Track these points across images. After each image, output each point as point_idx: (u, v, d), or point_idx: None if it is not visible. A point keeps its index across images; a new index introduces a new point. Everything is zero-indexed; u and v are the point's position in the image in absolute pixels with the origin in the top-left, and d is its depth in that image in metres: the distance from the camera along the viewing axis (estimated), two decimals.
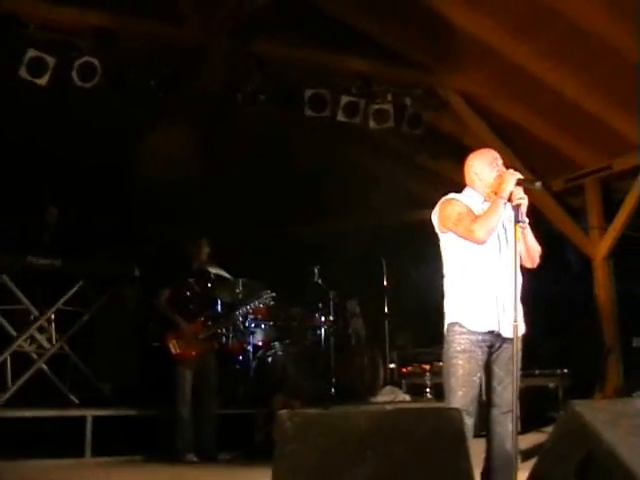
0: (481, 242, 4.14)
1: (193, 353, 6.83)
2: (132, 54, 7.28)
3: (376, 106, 8.00)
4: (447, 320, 4.27)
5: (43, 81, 6.79)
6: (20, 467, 6.31)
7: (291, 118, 8.14)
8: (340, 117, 7.86)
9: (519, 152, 8.30)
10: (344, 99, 7.82)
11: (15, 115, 7.83)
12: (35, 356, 7.46)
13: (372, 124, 8.03)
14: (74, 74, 6.87)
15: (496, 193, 4.13)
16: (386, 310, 9.10)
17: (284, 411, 2.89)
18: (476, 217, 4.19)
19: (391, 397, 8.37)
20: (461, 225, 4.18)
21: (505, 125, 8.38)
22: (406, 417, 3.08)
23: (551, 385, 8.20)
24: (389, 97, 8.11)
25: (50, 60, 6.78)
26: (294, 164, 9.17)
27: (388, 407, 7.59)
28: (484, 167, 4.31)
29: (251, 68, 7.48)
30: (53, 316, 7.62)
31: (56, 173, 8.78)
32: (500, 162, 4.33)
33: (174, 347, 6.86)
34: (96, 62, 6.92)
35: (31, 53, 6.69)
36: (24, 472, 6.15)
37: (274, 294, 7.51)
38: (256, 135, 8.77)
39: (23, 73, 6.72)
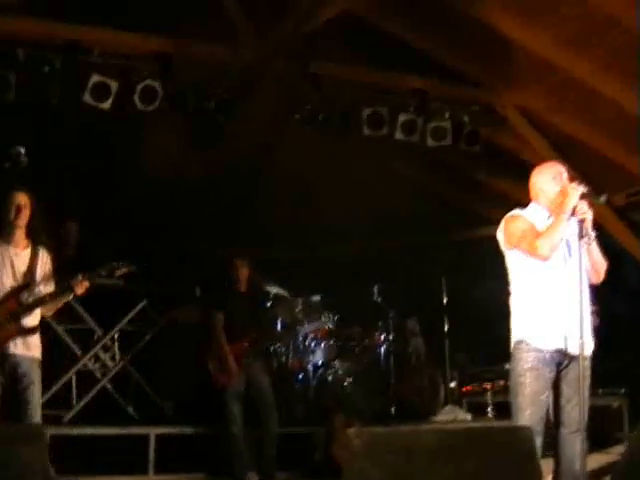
0: (545, 259, 4.10)
1: (233, 375, 6.86)
2: (191, 77, 7.41)
3: (434, 123, 7.99)
4: (514, 337, 4.22)
5: (106, 105, 6.93)
6: None
7: (347, 137, 8.18)
8: (398, 135, 7.85)
9: (579, 167, 8.13)
10: (402, 117, 7.82)
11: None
12: (99, 375, 7.58)
13: (430, 142, 8.02)
14: (136, 98, 7.00)
15: (559, 208, 4.09)
16: (446, 328, 9.03)
17: (352, 429, 2.89)
18: (539, 233, 4.15)
19: (452, 416, 8.29)
20: (525, 242, 4.15)
21: (564, 139, 8.27)
22: (476, 435, 3.05)
23: (615, 404, 8.03)
24: (447, 114, 8.09)
25: (113, 84, 6.92)
26: (349, 182, 9.20)
27: (456, 425, 7.51)
28: (548, 182, 4.28)
29: (308, 88, 7.53)
30: (117, 335, 7.73)
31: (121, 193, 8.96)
32: (565, 176, 4.28)
33: (214, 369, 6.92)
34: (157, 85, 7.05)
35: (95, 78, 6.84)
36: None
37: (335, 317, 7.50)
38: (310, 154, 8.83)
39: (87, 98, 6.86)
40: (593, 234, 4.10)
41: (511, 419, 4.15)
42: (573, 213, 4.06)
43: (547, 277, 4.15)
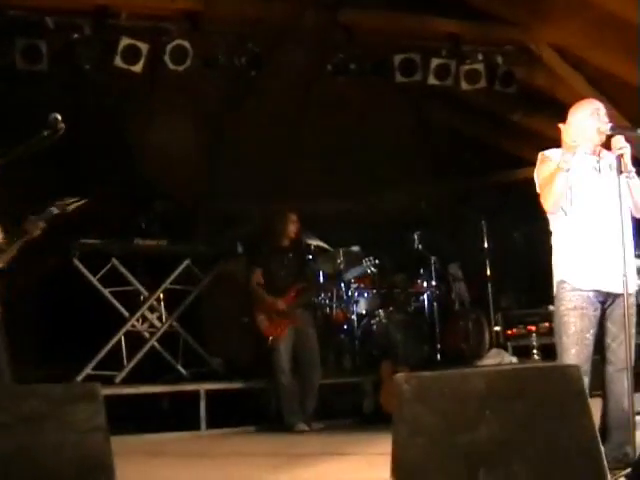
0: (551, 212, 4.12)
1: (283, 327, 6.95)
2: (221, 34, 7.39)
3: (467, 67, 7.90)
4: (556, 278, 4.21)
5: (138, 68, 6.96)
6: (139, 441, 6.57)
7: (380, 85, 8.12)
8: (431, 80, 7.78)
9: (617, 103, 8.03)
10: (434, 62, 7.74)
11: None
12: (147, 335, 7.71)
13: (464, 85, 7.93)
14: (167, 58, 7.01)
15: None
16: (488, 272, 9.01)
17: (401, 374, 2.92)
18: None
19: (497, 360, 8.30)
20: (541, 191, 4.17)
21: (601, 76, 8.11)
22: (524, 376, 3.06)
23: None
24: (480, 57, 7.99)
25: (143, 47, 6.93)
26: (384, 129, 9.15)
27: (504, 367, 7.52)
28: (584, 119, 4.21)
29: (339, 38, 7.47)
30: (162, 295, 7.83)
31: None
32: (603, 112, 4.21)
33: (261, 323, 7.01)
34: (187, 45, 7.04)
35: (124, 42, 6.86)
36: (143, 446, 6.41)
37: (376, 261, 7.52)
38: (343, 104, 8.78)
39: (118, 62, 6.89)
40: (633, 169, 4.04)
41: (557, 360, 4.15)
42: (610, 148, 4.02)
43: (585, 216, 4.12)
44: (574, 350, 4.05)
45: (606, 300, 4.13)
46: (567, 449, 2.82)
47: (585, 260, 4.11)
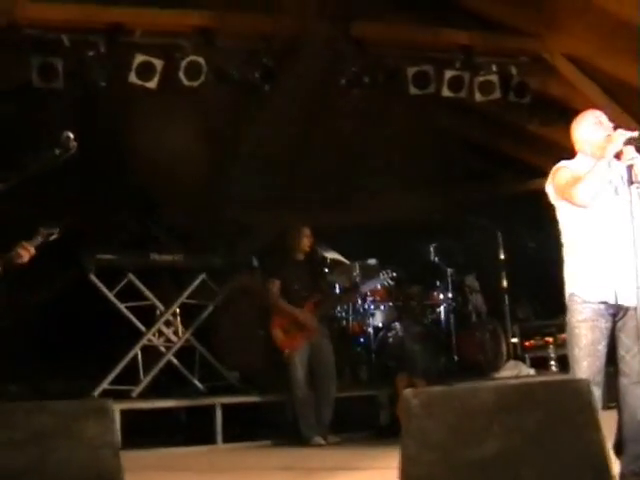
0: (584, 205, 4.04)
1: (299, 340, 6.94)
2: (235, 49, 7.43)
3: (481, 78, 7.87)
4: (567, 290, 4.19)
5: (152, 84, 7.01)
6: (155, 455, 6.59)
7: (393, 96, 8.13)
8: (445, 92, 7.76)
9: (631, 111, 8.00)
10: (448, 74, 7.73)
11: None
12: (164, 349, 7.73)
13: (478, 97, 7.91)
14: (181, 74, 7.05)
15: (602, 153, 4.03)
16: (505, 284, 8.97)
17: (409, 389, 2.91)
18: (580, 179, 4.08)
19: (515, 372, 8.27)
20: (567, 190, 4.11)
21: (615, 84, 8.08)
22: (532, 390, 3.04)
23: None
24: (494, 68, 7.97)
25: (158, 63, 6.98)
26: (397, 139, 9.15)
27: (513, 381, 7.50)
28: (588, 129, 4.20)
29: (352, 51, 7.49)
30: (178, 310, 7.86)
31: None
32: (605, 120, 4.20)
33: (278, 337, 7.01)
34: (201, 60, 7.09)
35: (139, 58, 6.91)
36: (158, 460, 6.42)
37: (393, 273, 7.51)
38: (356, 114, 8.79)
39: (133, 78, 6.95)
40: None
41: (569, 371, 4.13)
42: (619, 158, 4.00)
43: (596, 228, 4.09)
44: (586, 362, 4.02)
45: (617, 312, 4.09)
46: (576, 463, 2.80)
47: (595, 272, 4.08)
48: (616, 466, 3.89)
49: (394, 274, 7.62)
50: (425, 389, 3.01)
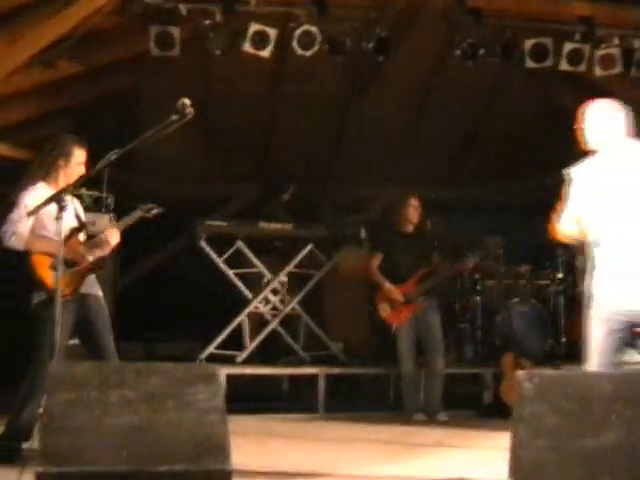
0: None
1: (405, 314, 6.88)
2: (349, 18, 7.36)
3: (602, 51, 7.56)
4: (586, 288, 4.09)
5: (266, 53, 7.04)
6: (257, 420, 6.69)
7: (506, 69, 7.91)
8: (563, 66, 7.50)
9: None
10: (567, 47, 7.45)
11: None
12: (269, 317, 7.82)
13: (598, 71, 7.60)
14: (295, 43, 7.05)
15: None
16: None
17: (523, 372, 2.83)
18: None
19: (624, 357, 7.98)
20: None
21: None
22: None
23: None
24: (615, 41, 7.63)
25: (272, 32, 7.00)
26: (510, 115, 8.93)
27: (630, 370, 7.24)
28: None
29: (468, 22, 7.30)
30: (285, 278, 7.91)
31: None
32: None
33: (383, 310, 6.96)
34: (315, 30, 7.06)
35: (254, 27, 6.94)
36: (261, 426, 6.51)
37: (501, 242, 7.32)
38: (468, 89, 8.61)
39: (247, 47, 6.99)
40: None
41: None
42: None
43: (612, 235, 3.96)
44: (596, 361, 3.97)
45: (636, 319, 3.92)
46: None
47: (611, 281, 3.96)
48: None
49: (503, 244, 7.41)
50: (539, 372, 2.91)
